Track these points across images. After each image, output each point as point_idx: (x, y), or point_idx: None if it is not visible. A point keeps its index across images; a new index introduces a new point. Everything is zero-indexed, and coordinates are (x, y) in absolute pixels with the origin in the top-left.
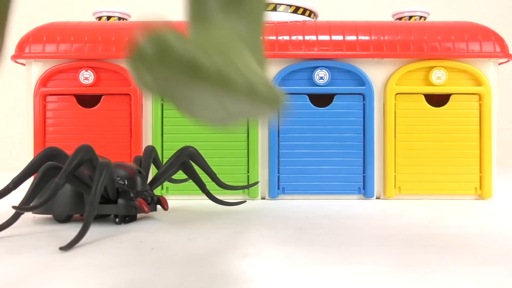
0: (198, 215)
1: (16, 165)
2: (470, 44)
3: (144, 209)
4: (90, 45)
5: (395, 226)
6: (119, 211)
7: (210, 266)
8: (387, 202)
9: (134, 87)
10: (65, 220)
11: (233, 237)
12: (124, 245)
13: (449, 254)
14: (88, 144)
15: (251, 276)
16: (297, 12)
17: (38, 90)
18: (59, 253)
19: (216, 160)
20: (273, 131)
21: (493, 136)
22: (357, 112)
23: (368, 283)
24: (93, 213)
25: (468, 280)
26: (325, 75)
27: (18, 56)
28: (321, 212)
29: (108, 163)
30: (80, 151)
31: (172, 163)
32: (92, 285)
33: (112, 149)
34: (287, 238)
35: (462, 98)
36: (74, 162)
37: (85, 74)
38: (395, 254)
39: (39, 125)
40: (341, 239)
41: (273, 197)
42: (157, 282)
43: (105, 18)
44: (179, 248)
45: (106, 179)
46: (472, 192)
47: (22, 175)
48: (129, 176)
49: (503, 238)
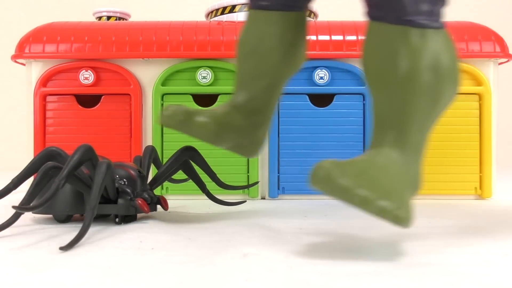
0: (198, 215)
1: (16, 165)
2: (470, 44)
3: (144, 209)
4: (90, 45)
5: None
6: (119, 211)
7: (210, 266)
8: None
9: (134, 87)
10: (65, 220)
11: (233, 237)
12: (124, 245)
13: (449, 254)
14: (88, 144)
15: (251, 276)
16: None
17: (38, 90)
18: (59, 253)
19: (216, 160)
20: (273, 131)
21: (493, 136)
22: (357, 112)
23: (368, 283)
24: (93, 213)
25: (468, 280)
26: (325, 75)
27: (18, 56)
28: (321, 212)
29: (108, 163)
30: (80, 151)
31: (172, 163)
32: (92, 285)
33: (112, 149)
34: (287, 238)
35: (462, 98)
36: (74, 162)
37: (85, 74)
38: (395, 254)
39: (39, 125)
40: (341, 239)
41: (273, 197)
42: (157, 282)
43: (105, 18)
44: (179, 248)
45: (106, 179)
46: (472, 192)
47: (23, 175)
48: (129, 176)
49: (503, 238)
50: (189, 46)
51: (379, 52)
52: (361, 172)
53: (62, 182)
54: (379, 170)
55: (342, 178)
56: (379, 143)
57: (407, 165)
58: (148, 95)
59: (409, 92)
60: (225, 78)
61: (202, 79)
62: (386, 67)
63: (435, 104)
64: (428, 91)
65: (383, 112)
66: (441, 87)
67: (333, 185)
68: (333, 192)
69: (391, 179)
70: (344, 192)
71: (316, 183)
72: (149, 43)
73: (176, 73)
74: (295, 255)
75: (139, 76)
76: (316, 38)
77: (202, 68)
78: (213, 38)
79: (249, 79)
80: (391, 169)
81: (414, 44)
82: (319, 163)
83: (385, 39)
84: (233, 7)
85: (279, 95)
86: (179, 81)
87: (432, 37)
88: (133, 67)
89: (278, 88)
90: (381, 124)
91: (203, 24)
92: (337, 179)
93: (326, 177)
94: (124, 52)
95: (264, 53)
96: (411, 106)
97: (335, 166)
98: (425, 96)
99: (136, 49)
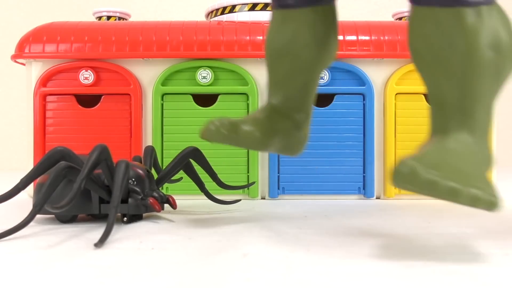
0: (198, 215)
1: (16, 165)
2: None
3: (156, 208)
4: (90, 45)
5: (395, 226)
6: (130, 210)
7: (210, 266)
8: (387, 202)
9: (134, 87)
10: (70, 220)
11: (233, 237)
12: (124, 245)
13: (449, 254)
14: (104, 144)
15: (251, 276)
16: None
17: (38, 90)
18: (59, 253)
19: (216, 160)
20: None
21: (493, 136)
22: (357, 112)
23: (368, 283)
24: (116, 211)
25: (468, 280)
26: (325, 75)
27: (18, 56)
28: (321, 212)
29: (127, 163)
30: (97, 151)
31: (177, 163)
32: (92, 285)
33: (112, 149)
34: (287, 238)
35: None
36: (92, 161)
37: (85, 74)
38: (395, 254)
39: (39, 125)
40: (341, 239)
41: (273, 197)
42: (157, 282)
43: (105, 18)
44: (179, 248)
45: (126, 178)
46: None
47: (31, 175)
48: (138, 175)
49: (503, 238)
50: (189, 46)
51: (435, 38)
52: (441, 163)
53: (83, 182)
54: (457, 157)
55: (428, 173)
56: (443, 128)
57: (479, 145)
58: (148, 95)
59: (473, 73)
60: (225, 78)
61: (202, 79)
62: (444, 52)
63: (498, 80)
64: (490, 69)
65: (444, 97)
66: (503, 63)
67: (421, 181)
68: (421, 189)
69: (470, 163)
70: (432, 187)
71: (402, 181)
72: (149, 43)
73: (176, 73)
74: (295, 255)
75: (139, 76)
76: None
77: (202, 68)
78: (213, 38)
79: (284, 79)
80: (466, 153)
81: (471, 24)
82: (402, 160)
83: (439, 23)
84: (233, 7)
85: (316, 89)
86: (179, 81)
87: (487, 14)
88: (133, 67)
89: (314, 83)
90: (443, 109)
91: (203, 24)
92: (423, 174)
93: (412, 174)
94: (124, 52)
95: (297, 51)
96: (476, 86)
97: (418, 161)
98: (488, 74)
99: (136, 49)
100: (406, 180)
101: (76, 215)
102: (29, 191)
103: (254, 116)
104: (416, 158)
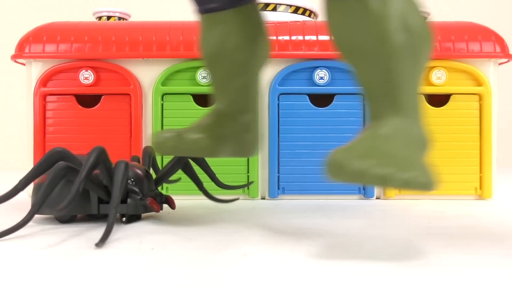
0: (198, 215)
1: (16, 165)
2: (470, 44)
3: (155, 208)
4: (90, 45)
5: (395, 226)
6: (129, 211)
7: (210, 266)
8: (387, 202)
9: (134, 87)
10: (69, 220)
11: (233, 237)
12: (124, 245)
13: (449, 254)
14: (101, 146)
15: (251, 276)
16: (297, 12)
17: (38, 90)
18: (59, 253)
19: (216, 160)
20: (273, 131)
21: (493, 136)
22: (357, 112)
23: (368, 283)
24: (116, 211)
25: (468, 280)
26: (325, 75)
27: (18, 56)
28: (321, 212)
29: (126, 163)
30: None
31: (175, 163)
32: (92, 285)
33: (112, 149)
34: (287, 238)
35: (462, 98)
36: (91, 163)
37: (85, 74)
38: (395, 254)
39: (39, 125)
40: (341, 239)
41: (273, 197)
42: (157, 282)
43: (105, 18)
44: (179, 248)
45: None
46: (472, 192)
47: (30, 175)
48: (137, 176)
49: (503, 238)
50: (189, 46)
51: (347, 29)
52: (372, 150)
53: (82, 184)
54: (388, 142)
55: (356, 162)
56: (376, 115)
57: (411, 127)
58: (148, 95)
59: (389, 57)
60: None
61: (202, 79)
62: (359, 40)
63: (417, 61)
64: (406, 51)
65: (371, 84)
66: (418, 43)
67: (349, 172)
68: (352, 179)
69: (401, 147)
70: (362, 176)
71: (331, 173)
72: (149, 43)
73: (176, 73)
74: (295, 255)
75: (139, 76)
76: (316, 38)
77: (202, 68)
78: None
79: (223, 82)
80: (398, 136)
81: (376, 9)
82: (330, 153)
83: (349, 13)
84: None
85: (258, 88)
86: (179, 81)
87: None
88: (133, 67)
89: (254, 83)
90: (372, 96)
91: None
92: (350, 165)
93: (339, 165)
94: (124, 52)
95: (229, 54)
96: (395, 70)
97: (345, 152)
98: (405, 57)
99: (136, 49)
100: (335, 172)
101: (75, 215)
102: (28, 191)
103: (201, 123)
104: (345, 149)
